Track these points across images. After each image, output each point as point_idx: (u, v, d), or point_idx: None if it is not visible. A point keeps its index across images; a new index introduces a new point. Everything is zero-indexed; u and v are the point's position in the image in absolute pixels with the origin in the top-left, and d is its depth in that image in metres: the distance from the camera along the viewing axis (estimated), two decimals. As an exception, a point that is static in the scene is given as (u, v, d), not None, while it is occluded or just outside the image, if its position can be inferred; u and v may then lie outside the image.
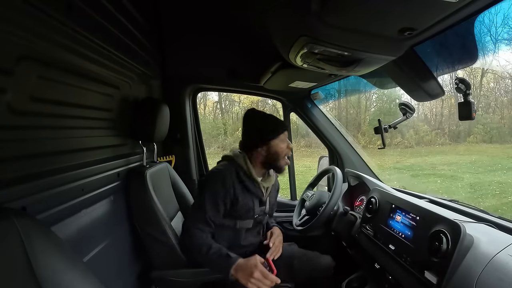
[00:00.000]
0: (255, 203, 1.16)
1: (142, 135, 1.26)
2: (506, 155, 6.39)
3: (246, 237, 1.18)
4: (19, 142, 0.66)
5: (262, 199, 1.18)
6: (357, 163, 1.72)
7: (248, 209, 1.14)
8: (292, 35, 0.78)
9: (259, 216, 1.20)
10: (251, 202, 1.15)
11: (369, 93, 8.98)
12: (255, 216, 1.17)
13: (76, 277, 0.54)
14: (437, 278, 0.74)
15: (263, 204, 1.21)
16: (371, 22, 0.66)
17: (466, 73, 6.65)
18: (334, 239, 1.45)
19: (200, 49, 1.60)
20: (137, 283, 1.18)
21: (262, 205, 1.21)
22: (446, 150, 7.67)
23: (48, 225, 0.66)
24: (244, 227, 1.16)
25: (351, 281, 1.24)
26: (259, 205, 1.18)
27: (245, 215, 1.14)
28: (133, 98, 1.26)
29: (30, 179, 0.67)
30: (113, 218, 1.06)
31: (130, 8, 1.14)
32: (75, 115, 0.87)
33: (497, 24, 4.73)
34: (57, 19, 0.70)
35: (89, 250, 0.87)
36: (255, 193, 1.15)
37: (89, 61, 0.89)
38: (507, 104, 7.52)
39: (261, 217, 1.21)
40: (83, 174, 0.88)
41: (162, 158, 1.68)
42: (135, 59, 1.19)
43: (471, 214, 1.02)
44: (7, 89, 0.60)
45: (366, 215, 1.17)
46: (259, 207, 1.18)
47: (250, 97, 9.78)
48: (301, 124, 3.63)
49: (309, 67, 0.97)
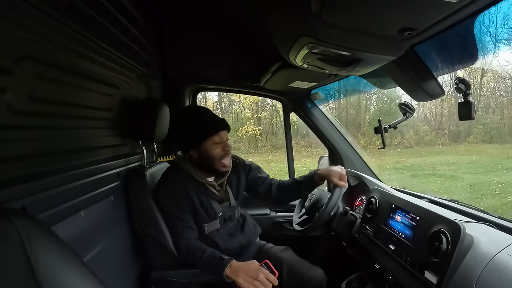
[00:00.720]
0: (213, 204, 1.13)
1: (142, 135, 1.26)
2: (506, 155, 6.39)
3: (222, 238, 1.14)
4: (19, 142, 0.66)
5: (217, 198, 1.15)
6: (357, 163, 1.72)
7: (207, 212, 1.11)
8: (292, 35, 0.78)
9: (225, 213, 1.16)
10: (208, 203, 1.12)
11: (369, 93, 9.00)
12: (219, 215, 1.14)
13: (76, 277, 0.54)
14: (437, 278, 0.74)
15: (224, 201, 1.17)
16: (371, 22, 0.66)
17: (466, 73, 6.66)
18: (334, 239, 1.45)
19: (200, 49, 1.60)
20: (137, 283, 1.18)
21: (224, 201, 1.17)
22: (446, 150, 7.68)
23: (48, 225, 0.66)
24: (213, 229, 1.13)
25: (351, 281, 1.24)
26: (219, 203, 1.15)
27: (208, 218, 1.12)
28: (133, 98, 1.26)
29: (30, 179, 0.67)
30: (113, 218, 1.06)
31: (130, 8, 1.14)
32: (75, 115, 0.87)
33: (497, 24, 4.73)
34: (57, 19, 0.70)
35: (89, 250, 0.87)
36: (208, 194, 1.12)
37: (89, 61, 0.89)
38: (507, 104, 7.52)
39: (229, 213, 1.18)
40: (83, 174, 0.88)
41: (162, 158, 1.68)
42: (135, 59, 1.19)
43: (471, 214, 1.02)
44: (7, 89, 0.60)
45: (366, 215, 1.17)
46: (219, 205, 1.14)
47: (250, 97, 9.79)
48: (301, 124, 3.64)
49: (309, 67, 0.97)
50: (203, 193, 1.11)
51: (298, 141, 8.83)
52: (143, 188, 1.12)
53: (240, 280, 0.92)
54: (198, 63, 1.63)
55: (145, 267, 1.20)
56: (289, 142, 1.90)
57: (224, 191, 1.18)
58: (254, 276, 0.92)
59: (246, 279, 0.92)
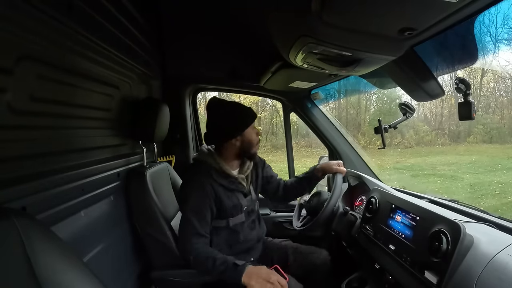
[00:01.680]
0: (239, 197, 1.14)
1: (142, 135, 1.26)
2: (506, 155, 6.39)
3: (243, 231, 1.16)
4: (19, 142, 0.66)
5: (244, 191, 1.16)
6: (357, 163, 1.72)
7: (235, 205, 1.12)
8: (292, 35, 0.78)
9: (249, 206, 1.18)
10: (235, 198, 1.13)
11: (369, 93, 8.98)
12: (244, 208, 1.16)
13: (76, 277, 0.54)
14: (437, 278, 0.74)
15: (248, 194, 1.19)
16: (371, 22, 0.66)
17: (466, 73, 6.65)
18: (334, 239, 1.45)
19: (200, 49, 1.61)
20: (137, 283, 1.18)
21: (248, 195, 1.19)
22: (446, 150, 7.67)
23: (48, 225, 0.66)
24: (237, 222, 1.14)
25: (351, 281, 1.24)
26: (244, 196, 1.16)
27: (234, 212, 1.13)
28: (133, 98, 1.26)
29: (30, 179, 0.67)
30: (113, 218, 1.06)
31: (130, 8, 1.14)
32: (75, 115, 0.87)
33: (497, 24, 4.73)
34: (57, 19, 0.70)
35: (89, 250, 0.87)
36: (236, 188, 1.13)
37: (89, 61, 0.89)
38: (507, 104, 7.52)
39: (251, 206, 1.20)
40: (83, 174, 0.88)
41: (162, 158, 1.68)
42: (135, 59, 1.19)
43: (471, 214, 1.02)
44: (7, 89, 0.60)
45: (366, 215, 1.17)
46: (245, 199, 1.16)
47: (250, 97, 9.77)
48: (301, 124, 3.64)
49: (309, 67, 0.97)
50: (230, 187, 1.12)
51: (298, 141, 8.83)
52: (143, 188, 1.12)
53: (254, 283, 0.95)
54: (198, 63, 1.63)
55: (145, 267, 1.20)
56: (289, 142, 1.90)
57: (248, 184, 1.21)
58: (267, 279, 0.95)
59: (259, 282, 0.95)
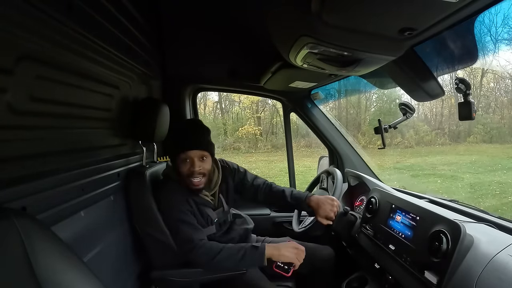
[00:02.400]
0: (207, 211, 1.14)
1: (142, 135, 1.26)
2: (506, 155, 6.39)
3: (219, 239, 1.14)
4: (19, 142, 0.66)
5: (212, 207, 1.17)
6: (357, 163, 1.72)
7: (204, 218, 1.13)
8: (292, 35, 0.78)
9: (220, 218, 1.19)
10: (204, 211, 1.13)
11: (369, 93, 9.00)
12: (215, 221, 1.16)
13: (76, 277, 0.54)
14: (437, 278, 0.74)
15: (217, 207, 1.19)
16: (371, 22, 0.66)
17: (466, 73, 6.66)
18: (334, 239, 1.45)
19: (200, 49, 1.60)
20: (137, 283, 1.18)
21: (217, 208, 1.19)
22: (446, 150, 7.68)
23: (48, 225, 0.66)
24: (209, 233, 1.13)
25: (351, 281, 1.24)
26: (214, 210, 1.17)
27: (205, 224, 1.13)
28: (133, 98, 1.26)
29: (30, 179, 0.67)
30: (113, 218, 1.06)
31: (130, 8, 1.14)
32: (75, 115, 0.87)
33: (497, 24, 4.73)
34: (57, 19, 0.70)
35: (89, 250, 0.87)
36: (203, 203, 1.14)
37: (89, 61, 0.89)
38: (507, 104, 7.52)
39: (223, 218, 1.20)
40: (83, 174, 0.88)
41: (162, 158, 1.68)
42: (135, 59, 1.19)
43: (471, 214, 1.02)
44: (7, 89, 0.60)
45: (366, 215, 1.17)
46: (214, 212, 1.16)
47: (250, 97, 9.79)
48: (301, 124, 3.64)
49: (309, 67, 0.97)
50: (198, 201, 1.13)
51: (298, 141, 8.84)
52: (143, 188, 1.12)
53: (284, 252, 1.02)
54: (198, 63, 1.63)
55: (145, 267, 1.20)
56: (289, 142, 1.90)
57: (218, 199, 1.20)
58: (293, 246, 1.05)
59: (289, 250, 1.03)
